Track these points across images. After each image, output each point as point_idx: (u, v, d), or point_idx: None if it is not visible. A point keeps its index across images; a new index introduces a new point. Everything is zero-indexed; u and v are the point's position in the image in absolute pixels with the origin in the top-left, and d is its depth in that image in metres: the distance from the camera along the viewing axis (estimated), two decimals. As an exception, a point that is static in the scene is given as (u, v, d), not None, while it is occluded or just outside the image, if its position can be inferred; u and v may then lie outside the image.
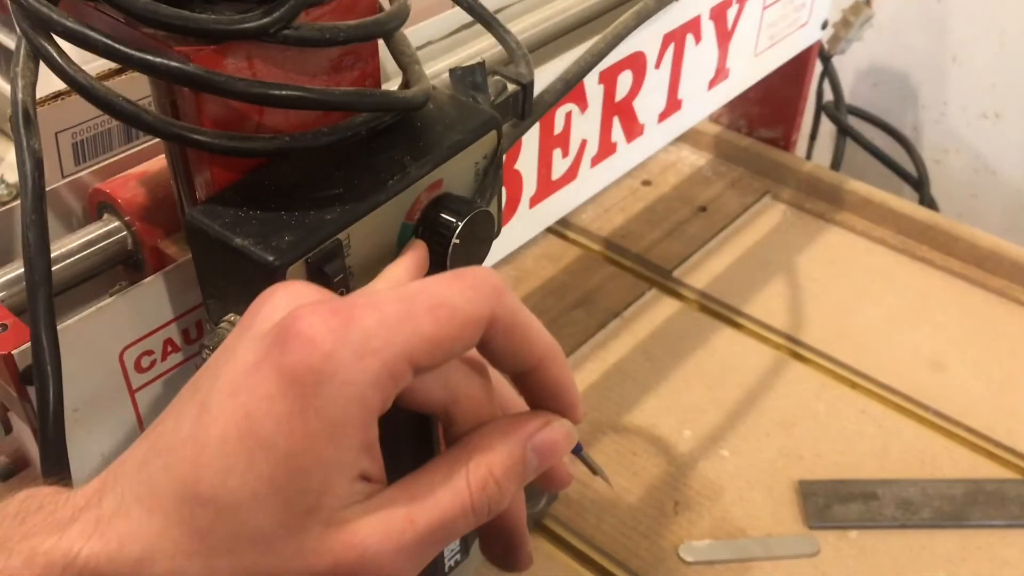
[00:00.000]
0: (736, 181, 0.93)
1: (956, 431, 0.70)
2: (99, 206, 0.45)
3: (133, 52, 0.33)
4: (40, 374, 0.35)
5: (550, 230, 0.88)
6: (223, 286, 0.38)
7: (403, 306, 0.27)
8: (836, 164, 0.97)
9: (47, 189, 0.37)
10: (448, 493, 0.28)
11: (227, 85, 0.34)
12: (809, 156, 1.02)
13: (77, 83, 0.34)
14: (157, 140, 0.47)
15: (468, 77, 0.44)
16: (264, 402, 0.25)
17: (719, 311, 0.79)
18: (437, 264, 0.40)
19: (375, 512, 0.26)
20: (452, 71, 0.44)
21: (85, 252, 0.44)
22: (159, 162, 0.45)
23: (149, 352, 0.43)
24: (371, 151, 0.39)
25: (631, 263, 0.84)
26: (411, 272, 0.36)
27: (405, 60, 0.42)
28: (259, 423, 0.25)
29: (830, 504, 0.64)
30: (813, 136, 1.00)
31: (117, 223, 0.44)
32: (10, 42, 0.69)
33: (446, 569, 0.49)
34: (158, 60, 0.33)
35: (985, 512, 0.63)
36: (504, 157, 0.44)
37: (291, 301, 0.27)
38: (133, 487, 0.26)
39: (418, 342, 0.26)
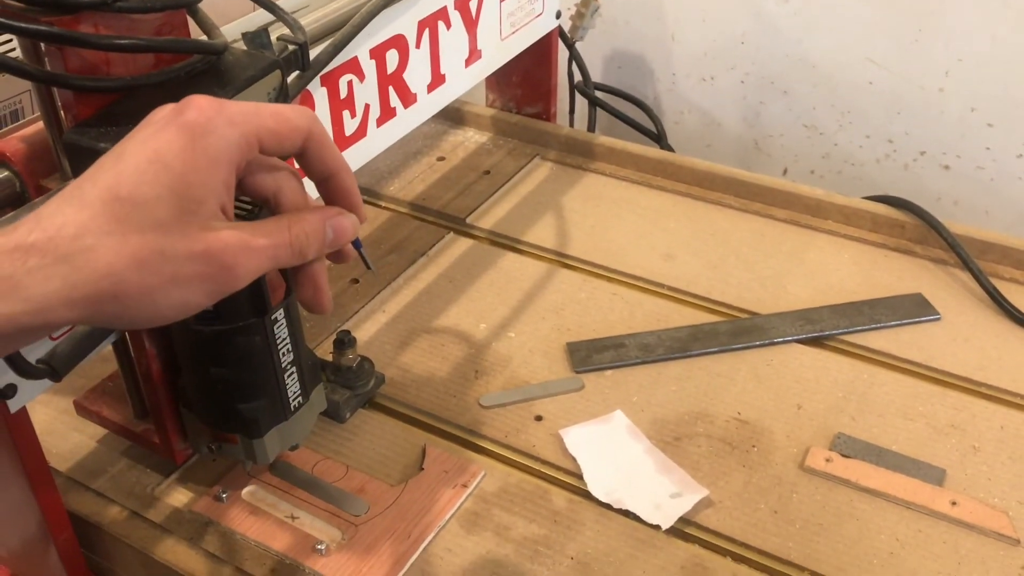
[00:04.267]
0: (512, 150, 1.14)
1: (683, 297, 0.91)
2: (-10, 162, 0.61)
3: (18, 23, 0.50)
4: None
5: (365, 201, 1.05)
6: (96, 184, 0.54)
7: (256, 107, 0.44)
8: (591, 128, 1.19)
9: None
10: (278, 232, 0.45)
11: (85, 39, 0.51)
12: (571, 124, 1.25)
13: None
14: (25, 120, 0.63)
15: (256, 39, 0.63)
16: (166, 143, 0.41)
17: (504, 242, 0.99)
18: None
19: (232, 228, 0.43)
20: (244, 34, 0.62)
21: (-13, 193, 0.59)
22: (34, 127, 0.61)
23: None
24: (191, 86, 0.57)
25: (432, 217, 1.03)
26: None
27: (207, 27, 0.60)
28: (163, 154, 0.41)
29: (590, 355, 0.84)
30: (571, 110, 1.23)
31: (7, 172, 0.60)
32: None
33: (292, 408, 0.66)
34: (35, 27, 0.50)
35: (703, 344, 0.85)
36: (289, 93, 0.62)
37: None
38: (65, 199, 0.40)
39: (263, 129, 0.44)
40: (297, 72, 0.67)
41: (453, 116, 1.19)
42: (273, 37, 0.68)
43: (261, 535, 0.68)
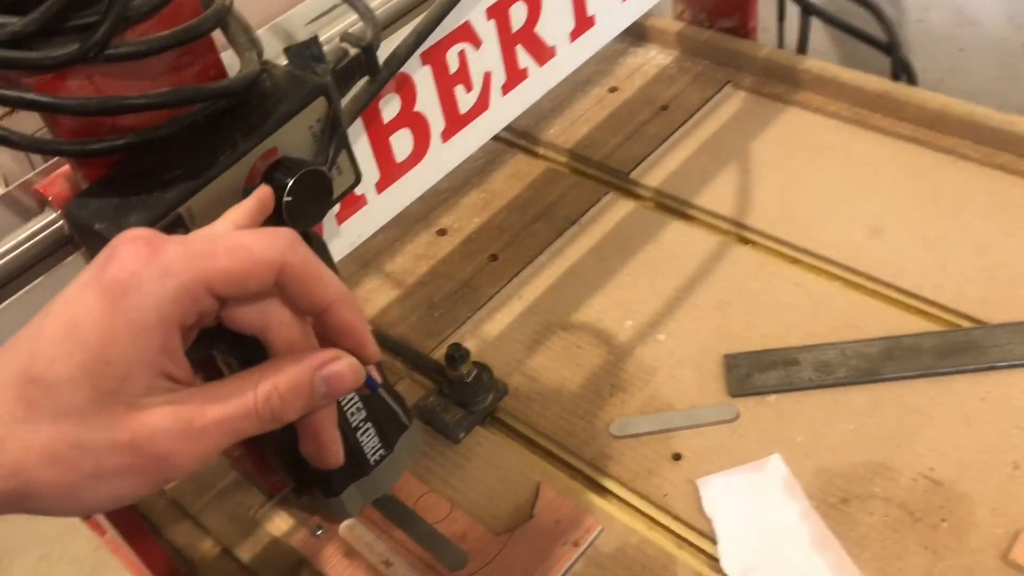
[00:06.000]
0: (699, 75, 0.96)
1: (885, 292, 0.74)
2: (41, 202, 0.56)
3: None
4: None
5: (520, 147, 0.94)
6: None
7: (207, 245, 0.35)
8: (803, 43, 0.98)
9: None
10: (237, 398, 0.36)
11: (56, 104, 0.43)
12: (780, 39, 1.04)
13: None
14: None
15: (305, 51, 0.52)
16: (85, 307, 0.33)
17: (672, 206, 0.85)
18: (277, 219, 0.49)
19: (172, 404, 0.34)
20: (287, 49, 0.52)
21: (33, 240, 0.54)
22: (82, 160, 0.55)
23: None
24: (209, 133, 0.47)
25: (592, 170, 0.90)
26: (251, 213, 0.43)
27: (239, 48, 0.50)
28: (79, 323, 0.33)
29: (751, 373, 0.69)
30: (780, 17, 1.02)
31: (51, 216, 0.55)
32: None
33: (371, 463, 0.59)
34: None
35: (900, 365, 0.68)
36: (342, 116, 0.52)
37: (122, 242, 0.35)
38: None
39: (215, 273, 0.35)
40: (366, 78, 0.55)
41: (634, 31, 1.02)
42: (336, 29, 0.57)
43: (351, 584, 0.63)
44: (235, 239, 0.36)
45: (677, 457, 0.66)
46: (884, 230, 0.78)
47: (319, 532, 0.66)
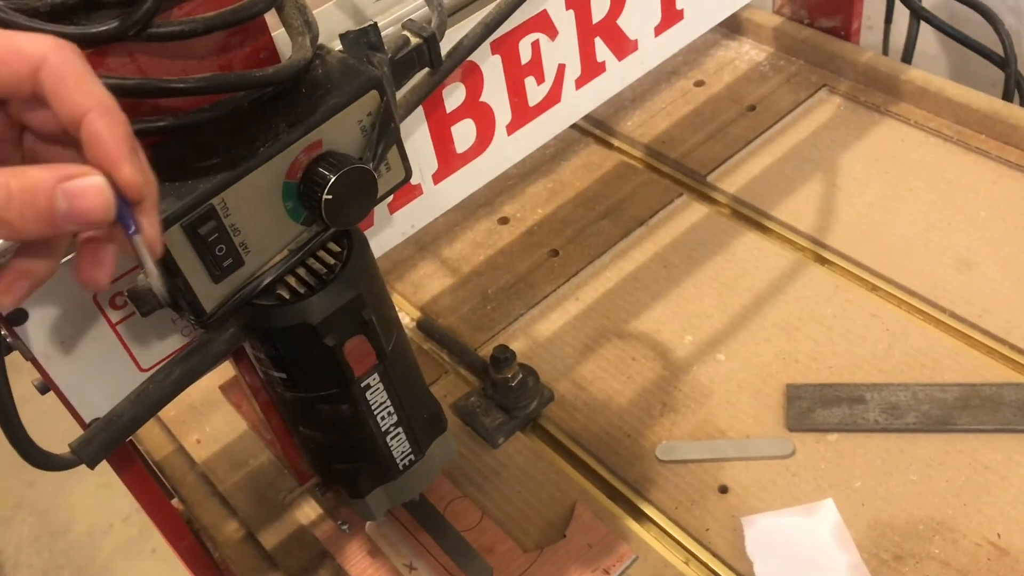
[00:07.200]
0: (793, 75, 0.91)
1: (968, 332, 0.68)
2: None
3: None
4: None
5: (595, 137, 0.90)
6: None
7: None
8: (909, 49, 0.92)
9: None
10: None
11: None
12: (885, 42, 0.97)
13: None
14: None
15: (362, 38, 0.49)
16: None
17: (748, 215, 0.80)
18: (315, 218, 0.46)
19: None
20: (343, 35, 0.49)
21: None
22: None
23: (120, 293, 0.52)
24: (253, 120, 0.45)
25: (668, 169, 0.85)
26: None
27: (292, 31, 0.47)
28: None
29: (813, 408, 0.65)
30: (887, 19, 0.95)
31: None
32: None
33: (400, 468, 0.57)
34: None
35: (975, 417, 0.63)
36: (395, 111, 0.49)
37: None
38: None
39: None
40: (426, 70, 0.52)
41: (728, 23, 0.96)
42: (406, 9, 0.54)
43: (371, 584, 0.61)
44: None
45: (724, 490, 0.63)
46: (975, 264, 0.72)
47: (345, 527, 0.64)
